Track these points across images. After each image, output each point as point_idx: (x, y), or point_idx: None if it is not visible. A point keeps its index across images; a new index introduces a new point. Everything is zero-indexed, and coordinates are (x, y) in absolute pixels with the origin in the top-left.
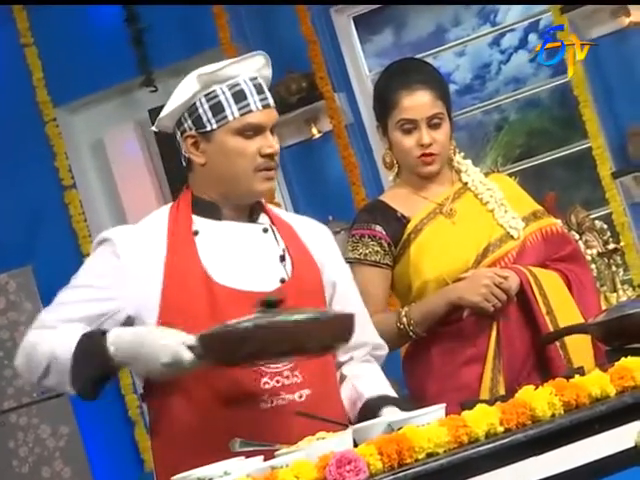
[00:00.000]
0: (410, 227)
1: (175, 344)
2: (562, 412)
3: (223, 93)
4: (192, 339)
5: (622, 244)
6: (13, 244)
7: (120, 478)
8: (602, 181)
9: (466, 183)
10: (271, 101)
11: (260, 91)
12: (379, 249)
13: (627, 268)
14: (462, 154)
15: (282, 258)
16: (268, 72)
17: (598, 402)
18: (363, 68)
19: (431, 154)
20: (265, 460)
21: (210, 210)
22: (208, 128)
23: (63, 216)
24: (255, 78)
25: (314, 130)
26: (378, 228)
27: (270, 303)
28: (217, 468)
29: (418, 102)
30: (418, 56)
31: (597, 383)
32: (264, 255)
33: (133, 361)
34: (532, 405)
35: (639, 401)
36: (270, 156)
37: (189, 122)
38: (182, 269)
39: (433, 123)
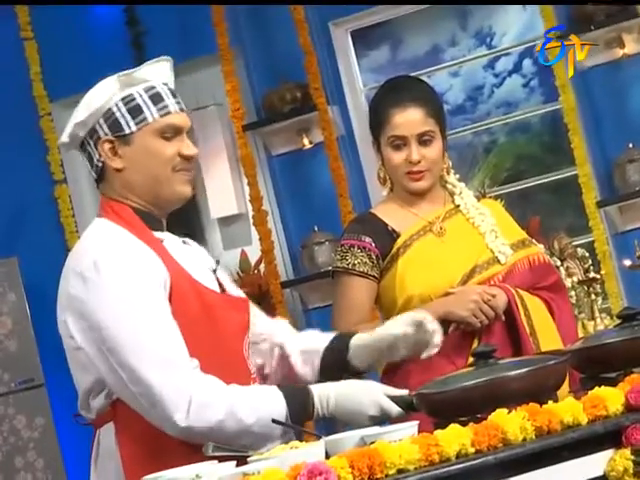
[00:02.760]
0: (400, 242)
1: (379, 397)
2: (533, 437)
3: (140, 96)
4: (391, 389)
5: (603, 273)
6: (0, 234)
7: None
8: (586, 209)
9: (458, 205)
10: (184, 106)
11: (174, 95)
12: (367, 260)
13: (606, 297)
14: (457, 176)
15: (214, 270)
16: (172, 79)
17: (569, 429)
18: (358, 82)
19: (419, 171)
20: (237, 466)
21: (153, 221)
22: (127, 131)
23: (52, 210)
24: (166, 83)
25: (305, 140)
26: (368, 240)
27: (485, 353)
28: (188, 471)
29: (409, 119)
30: (413, 74)
31: (570, 410)
32: (203, 264)
33: (337, 416)
34: (504, 428)
35: (610, 431)
36: (188, 158)
37: (105, 128)
38: (178, 276)
39: (423, 140)
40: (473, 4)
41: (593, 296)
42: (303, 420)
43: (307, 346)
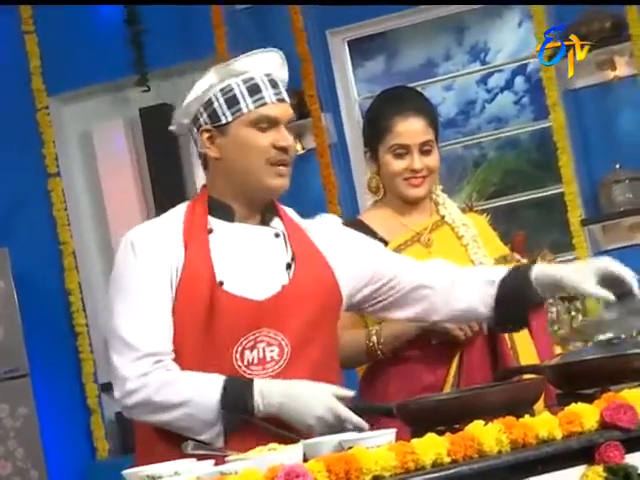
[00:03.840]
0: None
1: (329, 399)
2: (509, 449)
3: (238, 86)
4: (342, 390)
5: None
6: None
7: (71, 464)
8: (571, 227)
9: (443, 216)
10: (286, 96)
11: (274, 86)
12: None
13: (586, 313)
14: (441, 187)
15: (288, 265)
16: (284, 73)
17: (544, 444)
18: (352, 91)
19: (421, 177)
20: (216, 465)
21: (223, 211)
22: (223, 121)
23: (44, 202)
24: (269, 74)
25: (298, 146)
26: None
27: None
28: (168, 467)
29: (411, 128)
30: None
31: (545, 425)
32: (272, 260)
33: (280, 413)
34: (480, 439)
35: (584, 447)
36: (284, 150)
37: (205, 116)
38: (195, 268)
39: (424, 150)
40: (472, 4)
41: (573, 312)
42: (238, 411)
43: (475, 278)
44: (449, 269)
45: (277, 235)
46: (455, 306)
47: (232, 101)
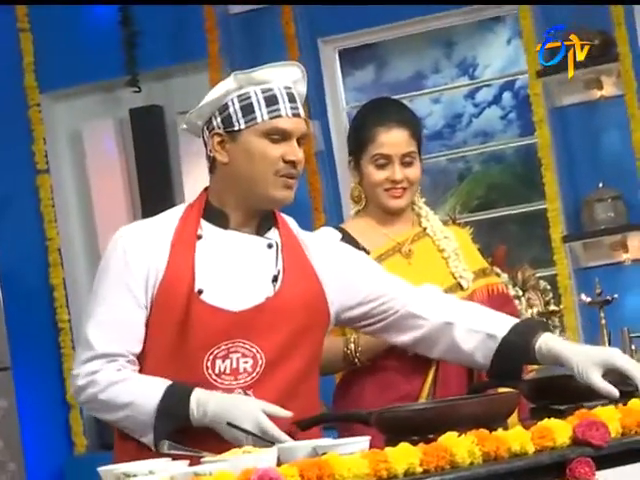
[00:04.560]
0: None
1: (257, 414)
2: (480, 462)
3: (255, 95)
4: (274, 408)
5: (562, 306)
6: None
7: (49, 458)
8: (552, 243)
9: (425, 228)
10: (301, 111)
11: (292, 100)
12: None
13: (563, 330)
14: (424, 199)
15: (275, 278)
16: (303, 87)
17: (516, 457)
18: (341, 100)
19: (401, 188)
20: (190, 465)
21: (218, 217)
22: (236, 127)
23: (32, 198)
24: (289, 87)
25: None
26: None
27: None
28: (143, 466)
29: (394, 139)
30: (395, 97)
31: (518, 439)
32: (258, 271)
33: (213, 424)
34: (452, 451)
35: (556, 462)
36: (293, 163)
37: (218, 120)
38: (174, 274)
39: (406, 161)
40: (473, 4)
41: (551, 328)
42: (175, 416)
43: (476, 326)
44: (445, 304)
45: (270, 246)
46: (455, 349)
47: (248, 109)
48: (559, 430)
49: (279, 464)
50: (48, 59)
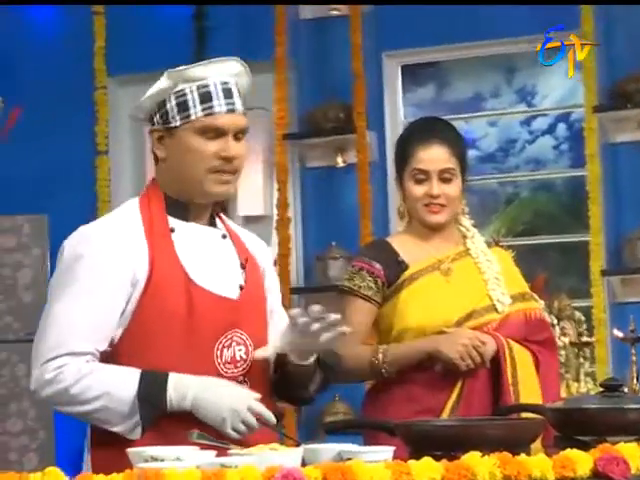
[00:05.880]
0: (407, 274)
1: (239, 405)
2: None
3: (191, 92)
4: (257, 404)
5: (595, 339)
6: (36, 191)
7: (77, 430)
8: (591, 275)
9: (469, 249)
10: (238, 106)
11: (228, 95)
12: (373, 285)
13: (594, 362)
14: (472, 221)
15: (242, 266)
16: (246, 80)
17: None
18: (399, 114)
19: (439, 204)
20: (217, 456)
21: (180, 210)
22: (172, 124)
23: (90, 178)
24: (226, 82)
25: (339, 159)
26: (377, 266)
27: None
28: (171, 451)
29: (432, 155)
30: (453, 117)
31: (539, 466)
32: (227, 260)
33: (193, 407)
34: (474, 470)
35: None
36: (228, 159)
37: (157, 117)
38: (164, 268)
39: (444, 177)
40: (485, 4)
41: (582, 359)
42: (153, 404)
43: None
44: None
45: (224, 236)
46: None
47: (183, 106)
48: (581, 461)
49: (303, 464)
50: (119, 44)
